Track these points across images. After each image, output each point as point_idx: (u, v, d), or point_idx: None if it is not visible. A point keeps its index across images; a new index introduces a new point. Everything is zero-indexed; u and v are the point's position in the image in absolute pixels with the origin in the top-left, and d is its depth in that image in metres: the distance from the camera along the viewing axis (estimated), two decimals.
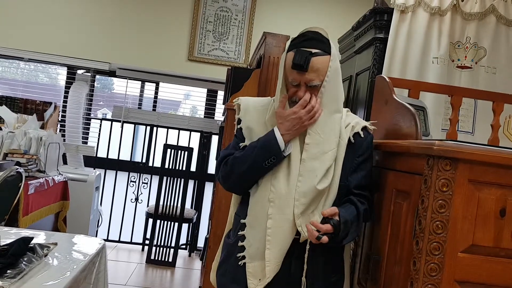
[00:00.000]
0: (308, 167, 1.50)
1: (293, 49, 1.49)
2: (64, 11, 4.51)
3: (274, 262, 1.50)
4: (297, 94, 1.50)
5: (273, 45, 2.90)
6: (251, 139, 1.59)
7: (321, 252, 1.52)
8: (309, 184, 1.49)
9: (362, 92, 3.27)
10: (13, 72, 5.22)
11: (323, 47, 1.48)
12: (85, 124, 4.90)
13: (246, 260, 1.55)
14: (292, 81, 1.49)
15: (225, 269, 1.62)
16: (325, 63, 1.48)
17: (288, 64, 1.49)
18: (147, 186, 4.91)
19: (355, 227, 1.51)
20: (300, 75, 1.47)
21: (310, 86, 1.48)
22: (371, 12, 3.11)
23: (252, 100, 1.67)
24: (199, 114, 5.31)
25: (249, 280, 1.52)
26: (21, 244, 1.56)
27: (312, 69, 1.46)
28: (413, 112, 1.59)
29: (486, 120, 2.66)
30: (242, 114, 1.63)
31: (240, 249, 1.57)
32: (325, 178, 1.50)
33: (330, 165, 1.51)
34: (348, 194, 1.56)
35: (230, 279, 1.59)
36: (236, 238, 1.60)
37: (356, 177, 1.57)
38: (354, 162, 1.57)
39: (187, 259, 4.71)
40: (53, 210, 3.64)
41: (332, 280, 1.59)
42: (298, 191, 1.50)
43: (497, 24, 3.01)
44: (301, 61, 1.44)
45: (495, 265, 1.29)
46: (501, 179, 1.27)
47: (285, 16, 4.59)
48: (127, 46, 4.55)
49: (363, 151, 1.58)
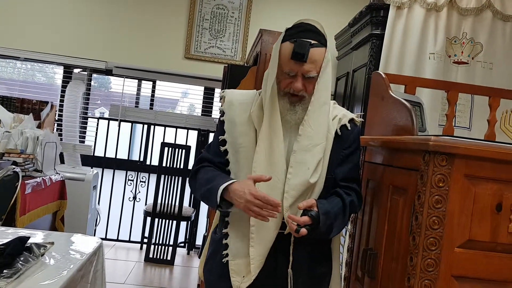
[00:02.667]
0: (299, 159, 1.49)
1: (289, 39, 1.48)
2: (60, 10, 4.49)
3: (258, 259, 1.49)
4: (292, 85, 1.47)
5: (270, 42, 2.88)
6: (232, 133, 1.57)
7: (307, 244, 1.52)
8: (301, 176, 1.48)
9: (358, 88, 3.28)
10: (10, 71, 5.21)
11: (319, 39, 1.48)
12: (82, 123, 4.89)
13: (229, 257, 1.54)
14: (289, 72, 1.47)
15: (212, 266, 1.62)
16: (322, 55, 1.47)
17: (284, 54, 1.47)
18: (145, 185, 4.90)
19: (341, 219, 1.51)
20: (298, 65, 1.45)
21: (307, 77, 1.47)
22: (367, 9, 3.11)
23: (237, 93, 1.65)
24: (196, 112, 5.30)
25: (233, 277, 1.51)
26: (18, 244, 1.55)
27: (310, 60, 1.44)
28: (409, 108, 1.59)
29: (483, 115, 2.67)
30: (226, 106, 1.61)
31: (225, 247, 1.56)
32: (316, 171, 1.49)
33: (320, 158, 1.50)
34: (335, 187, 1.55)
35: (217, 276, 1.59)
36: (221, 235, 1.59)
37: (343, 170, 1.56)
38: (341, 154, 1.56)
39: (185, 257, 4.71)
40: (51, 209, 3.63)
41: (318, 272, 1.58)
42: (289, 183, 1.48)
43: (494, 19, 3.02)
44: (303, 50, 1.42)
45: (491, 260, 1.29)
46: (497, 174, 1.28)
47: (281, 13, 4.59)
48: (124, 45, 4.54)
49: (350, 144, 1.57)
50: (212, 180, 1.50)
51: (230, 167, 1.57)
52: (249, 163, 1.52)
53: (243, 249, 1.51)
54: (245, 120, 1.55)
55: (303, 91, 1.48)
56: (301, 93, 1.48)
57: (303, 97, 1.50)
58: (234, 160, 1.56)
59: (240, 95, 1.64)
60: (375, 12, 3.05)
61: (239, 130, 1.55)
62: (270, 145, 1.49)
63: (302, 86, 1.47)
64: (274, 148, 1.49)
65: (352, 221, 1.91)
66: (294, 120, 1.51)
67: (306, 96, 1.50)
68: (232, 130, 1.57)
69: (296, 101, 1.50)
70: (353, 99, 3.40)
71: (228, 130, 1.58)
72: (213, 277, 1.61)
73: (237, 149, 1.55)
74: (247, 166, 1.52)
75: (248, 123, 1.55)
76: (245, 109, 1.57)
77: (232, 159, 1.56)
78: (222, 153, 1.58)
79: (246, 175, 1.50)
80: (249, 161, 1.52)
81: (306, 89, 1.48)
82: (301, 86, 1.47)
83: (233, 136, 1.56)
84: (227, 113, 1.59)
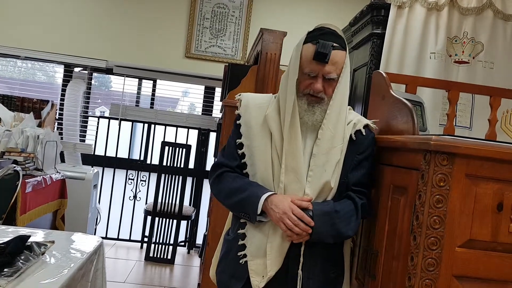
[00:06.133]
0: (319, 162, 1.50)
1: (311, 41, 1.48)
2: (61, 9, 4.49)
3: (276, 257, 1.50)
4: (312, 86, 1.48)
5: (270, 41, 2.88)
6: (248, 136, 1.58)
7: (319, 247, 1.52)
8: (320, 179, 1.50)
9: (359, 88, 3.27)
10: (10, 70, 5.21)
11: (340, 42, 1.49)
12: (83, 122, 4.89)
13: (248, 258, 1.54)
14: (310, 72, 1.48)
15: (225, 266, 1.62)
16: (343, 58, 1.49)
17: (306, 55, 1.48)
18: (145, 184, 4.90)
19: (354, 221, 1.52)
20: (320, 66, 1.46)
21: (328, 79, 1.48)
22: (368, 8, 3.10)
23: (253, 96, 1.66)
24: (197, 111, 5.30)
25: (253, 277, 1.52)
26: (18, 243, 1.55)
27: (331, 62, 1.46)
28: (410, 107, 1.59)
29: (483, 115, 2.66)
30: (242, 110, 1.62)
31: (241, 247, 1.57)
32: (334, 174, 1.51)
33: (338, 160, 1.52)
34: (347, 191, 1.56)
35: (229, 275, 1.59)
36: (236, 236, 1.59)
37: (356, 175, 1.57)
38: (355, 159, 1.56)
39: (186, 256, 4.72)
40: (51, 208, 3.64)
41: (331, 276, 1.58)
42: (310, 186, 1.50)
43: (494, 19, 3.01)
44: (325, 50, 1.43)
45: (492, 259, 1.29)
46: (498, 173, 1.27)
47: (282, 12, 4.58)
48: (124, 44, 4.54)
49: (364, 149, 1.58)
50: (245, 189, 1.52)
51: (247, 169, 1.58)
52: (264, 165, 1.53)
53: (262, 248, 1.52)
54: (261, 123, 1.56)
55: (323, 93, 1.49)
56: (320, 95, 1.49)
57: (322, 99, 1.50)
58: (251, 163, 1.57)
59: (256, 98, 1.65)
60: (376, 12, 3.04)
61: (255, 133, 1.56)
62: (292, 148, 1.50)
63: (322, 87, 1.48)
64: (296, 150, 1.50)
65: None
66: (311, 121, 1.52)
67: (325, 98, 1.50)
68: (249, 133, 1.58)
69: (315, 102, 1.51)
70: (354, 99, 3.40)
71: (244, 133, 1.59)
72: (225, 276, 1.61)
73: (253, 152, 1.56)
74: (263, 169, 1.54)
75: (264, 126, 1.56)
76: (261, 112, 1.58)
77: (249, 162, 1.57)
78: (239, 157, 1.59)
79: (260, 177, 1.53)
80: (264, 164, 1.53)
81: (325, 91, 1.49)
82: (321, 87, 1.48)
83: (250, 139, 1.57)
84: (243, 116, 1.61)
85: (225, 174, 1.59)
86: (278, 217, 1.45)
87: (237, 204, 1.54)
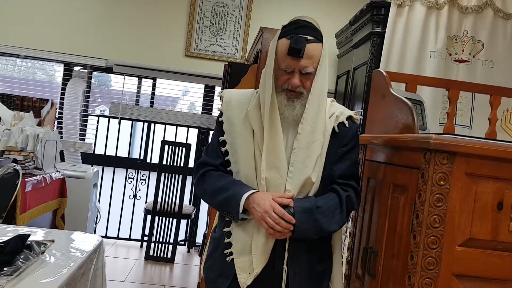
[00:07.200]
0: (300, 157, 1.49)
1: (285, 35, 1.47)
2: (60, 7, 4.48)
3: (261, 254, 1.50)
4: (290, 82, 1.47)
5: (270, 40, 2.87)
6: (231, 133, 1.57)
7: (305, 242, 1.52)
8: (301, 174, 1.49)
9: (359, 87, 3.27)
10: (10, 69, 5.20)
11: (315, 35, 1.48)
12: (83, 121, 4.89)
13: (234, 256, 1.54)
14: (286, 68, 1.47)
15: (212, 263, 1.62)
16: (319, 51, 1.47)
17: (281, 51, 1.47)
18: (145, 183, 4.90)
19: (338, 214, 1.51)
20: (295, 61, 1.45)
21: (304, 73, 1.47)
22: (368, 7, 3.10)
23: (235, 93, 1.65)
24: (196, 110, 5.30)
25: (239, 275, 1.52)
26: (18, 242, 1.55)
27: (307, 56, 1.44)
28: (410, 106, 1.58)
29: (483, 113, 2.66)
30: (224, 107, 1.61)
31: (227, 245, 1.56)
32: (314, 168, 1.50)
33: (319, 154, 1.51)
34: (332, 184, 1.56)
35: (217, 273, 1.59)
36: (222, 233, 1.59)
37: (341, 167, 1.56)
38: (339, 151, 1.56)
39: (185, 255, 4.72)
40: (51, 207, 3.63)
41: (318, 270, 1.57)
42: (290, 182, 1.49)
43: (495, 18, 3.01)
44: (299, 45, 1.42)
45: (492, 258, 1.29)
46: (498, 172, 1.27)
47: (282, 11, 4.58)
48: (124, 42, 4.53)
49: (348, 141, 1.57)
50: (228, 188, 1.52)
51: (231, 167, 1.57)
52: (247, 162, 1.52)
53: (248, 245, 1.51)
54: (243, 119, 1.55)
55: (301, 87, 1.48)
56: (298, 89, 1.48)
57: (301, 93, 1.49)
58: (234, 160, 1.56)
59: (238, 94, 1.64)
60: (376, 10, 3.04)
61: (237, 130, 1.56)
62: (272, 144, 1.49)
63: (299, 82, 1.47)
64: (276, 146, 1.49)
65: (353, 219, 1.91)
66: (292, 116, 1.51)
67: (304, 92, 1.49)
68: (231, 130, 1.57)
69: (294, 96, 1.50)
70: (354, 97, 3.40)
71: (227, 131, 1.58)
72: (213, 274, 1.61)
73: (236, 149, 1.55)
74: (246, 166, 1.53)
75: (246, 123, 1.55)
76: (243, 109, 1.57)
77: (232, 159, 1.57)
78: (222, 154, 1.59)
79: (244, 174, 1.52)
80: (247, 161, 1.52)
81: (303, 85, 1.48)
82: (299, 82, 1.47)
83: (232, 136, 1.56)
84: (225, 113, 1.60)
85: (209, 173, 1.59)
86: (259, 216, 1.45)
87: (221, 203, 1.54)
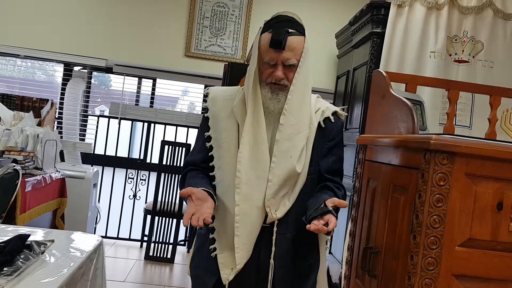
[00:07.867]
0: (282, 148, 1.49)
1: (267, 30, 1.49)
2: (60, 7, 4.48)
3: (244, 249, 1.49)
4: (274, 75, 1.48)
5: None
6: (216, 129, 1.58)
7: (291, 235, 1.52)
8: (284, 165, 1.49)
9: (359, 87, 3.27)
10: (10, 69, 5.21)
11: (297, 28, 1.49)
12: (82, 121, 4.89)
13: (217, 251, 1.54)
14: (269, 61, 1.48)
15: (198, 260, 1.62)
16: (301, 43, 1.48)
17: (264, 45, 1.48)
18: (145, 183, 4.90)
19: None
20: (278, 53, 1.46)
21: (287, 66, 1.47)
22: (368, 7, 3.10)
23: (221, 89, 1.68)
24: (196, 110, 5.30)
25: (222, 270, 1.52)
26: (18, 242, 1.55)
27: (288, 48, 1.45)
28: (410, 107, 1.59)
29: (483, 114, 2.66)
30: (210, 103, 1.62)
31: (212, 241, 1.57)
32: (300, 160, 1.50)
33: (303, 146, 1.51)
34: (319, 178, 1.56)
35: (203, 270, 1.59)
36: (207, 230, 1.59)
37: (327, 162, 1.57)
38: (325, 146, 1.57)
39: (185, 255, 4.71)
40: (51, 207, 3.63)
41: (304, 263, 1.57)
42: (273, 172, 1.49)
43: (494, 18, 3.01)
44: (280, 36, 1.43)
45: (492, 258, 1.29)
46: (498, 172, 1.27)
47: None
48: (124, 43, 4.53)
49: (334, 136, 1.58)
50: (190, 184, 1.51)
51: (214, 162, 1.58)
52: (231, 157, 1.52)
53: (230, 240, 1.51)
54: (228, 114, 1.56)
55: (285, 80, 1.49)
56: (282, 82, 1.49)
57: (285, 86, 1.50)
58: (218, 156, 1.57)
59: (224, 91, 1.66)
60: (376, 10, 3.04)
61: (222, 125, 1.57)
62: (254, 137, 1.50)
63: (283, 74, 1.48)
64: (258, 139, 1.50)
65: (353, 219, 1.90)
66: (277, 109, 1.51)
67: (288, 85, 1.50)
68: (216, 126, 1.58)
69: (278, 89, 1.50)
70: (353, 98, 3.40)
71: (212, 126, 1.59)
72: (199, 272, 1.61)
73: (221, 144, 1.56)
74: (230, 160, 1.53)
75: (230, 117, 1.56)
76: (228, 104, 1.58)
77: (216, 155, 1.57)
78: (206, 149, 1.59)
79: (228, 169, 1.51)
80: (231, 155, 1.53)
81: (287, 77, 1.49)
82: (282, 75, 1.48)
83: (217, 131, 1.57)
84: (211, 109, 1.61)
85: (188, 172, 1.60)
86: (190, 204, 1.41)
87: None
